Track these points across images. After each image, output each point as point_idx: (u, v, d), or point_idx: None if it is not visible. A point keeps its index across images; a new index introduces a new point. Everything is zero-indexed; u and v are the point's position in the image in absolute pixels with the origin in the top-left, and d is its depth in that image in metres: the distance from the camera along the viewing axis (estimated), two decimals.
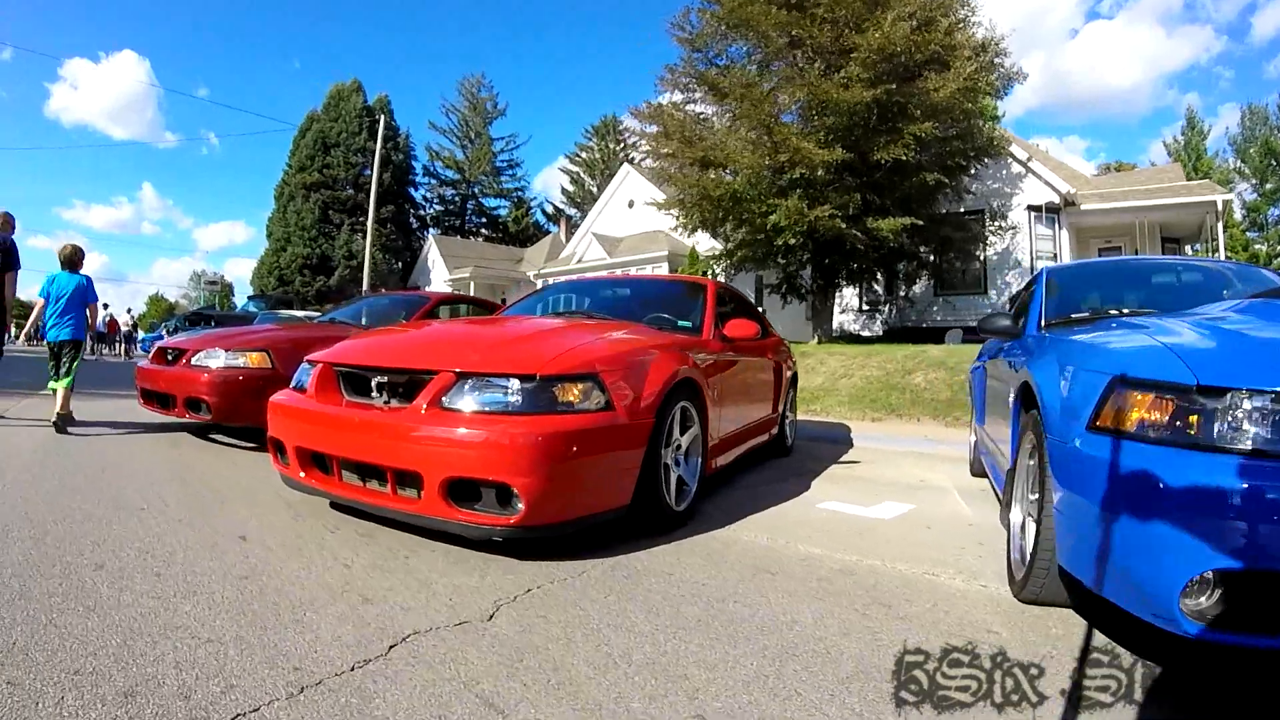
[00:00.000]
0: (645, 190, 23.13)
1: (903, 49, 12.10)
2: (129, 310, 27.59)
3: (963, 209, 15.90)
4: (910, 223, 12.83)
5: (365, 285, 23.34)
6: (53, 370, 5.37)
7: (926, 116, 12.35)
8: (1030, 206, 16.03)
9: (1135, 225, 15.75)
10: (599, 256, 23.86)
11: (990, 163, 15.26)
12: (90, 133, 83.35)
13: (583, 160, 48.07)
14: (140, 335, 25.77)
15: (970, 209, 16.15)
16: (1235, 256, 23.09)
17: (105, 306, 22.68)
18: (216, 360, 4.74)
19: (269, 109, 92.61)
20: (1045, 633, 1.99)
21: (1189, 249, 17.62)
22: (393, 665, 1.61)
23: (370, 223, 24.15)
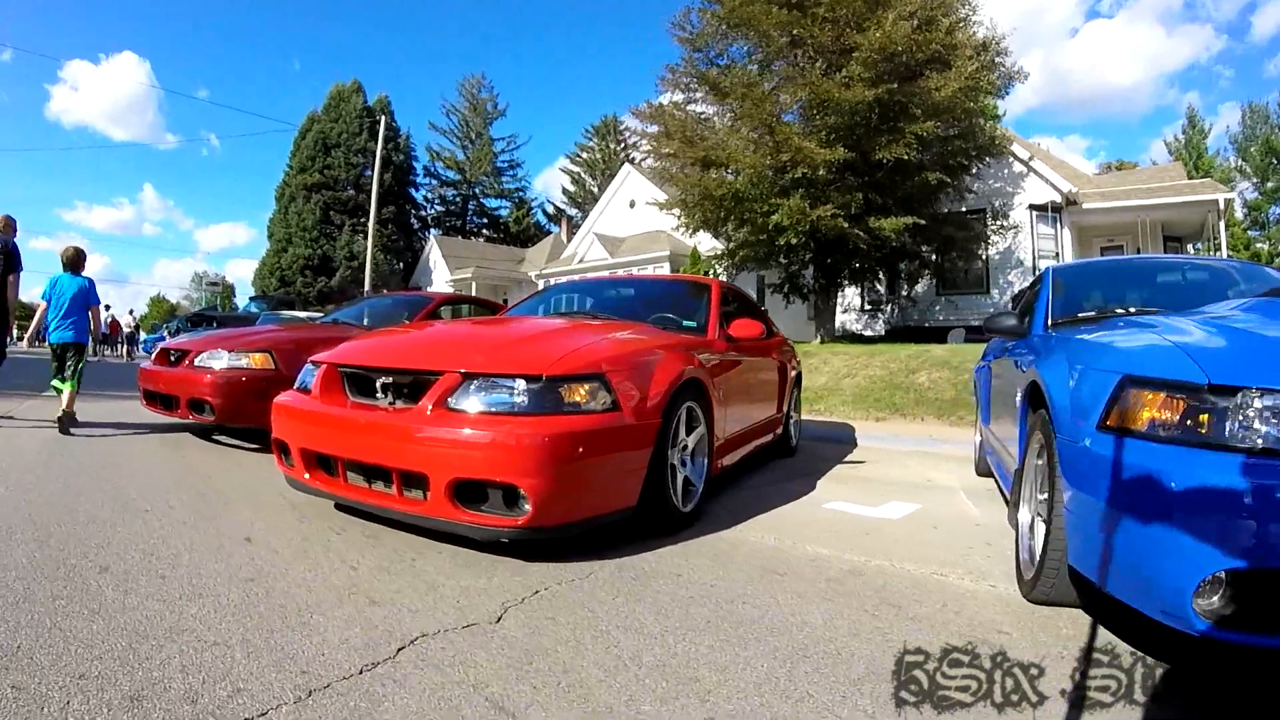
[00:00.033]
0: (646, 190, 23.12)
1: (904, 48, 12.09)
2: (131, 312, 27.65)
3: (964, 208, 15.88)
4: (912, 222, 12.81)
5: (367, 286, 23.34)
6: (55, 372, 5.37)
7: (928, 116, 12.33)
8: (1032, 205, 16.01)
9: (1137, 224, 15.72)
10: (600, 257, 23.84)
11: (992, 162, 15.24)
12: (91, 134, 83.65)
13: (583, 160, 48.08)
14: (142, 337, 25.81)
15: (972, 208, 16.14)
16: (1237, 255, 23.05)
17: (107, 308, 22.66)
18: (219, 361, 4.73)
19: (269, 110, 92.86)
20: (1056, 633, 1.97)
21: (1191, 248, 17.59)
22: (401, 668, 1.60)
23: (371, 223, 24.17)
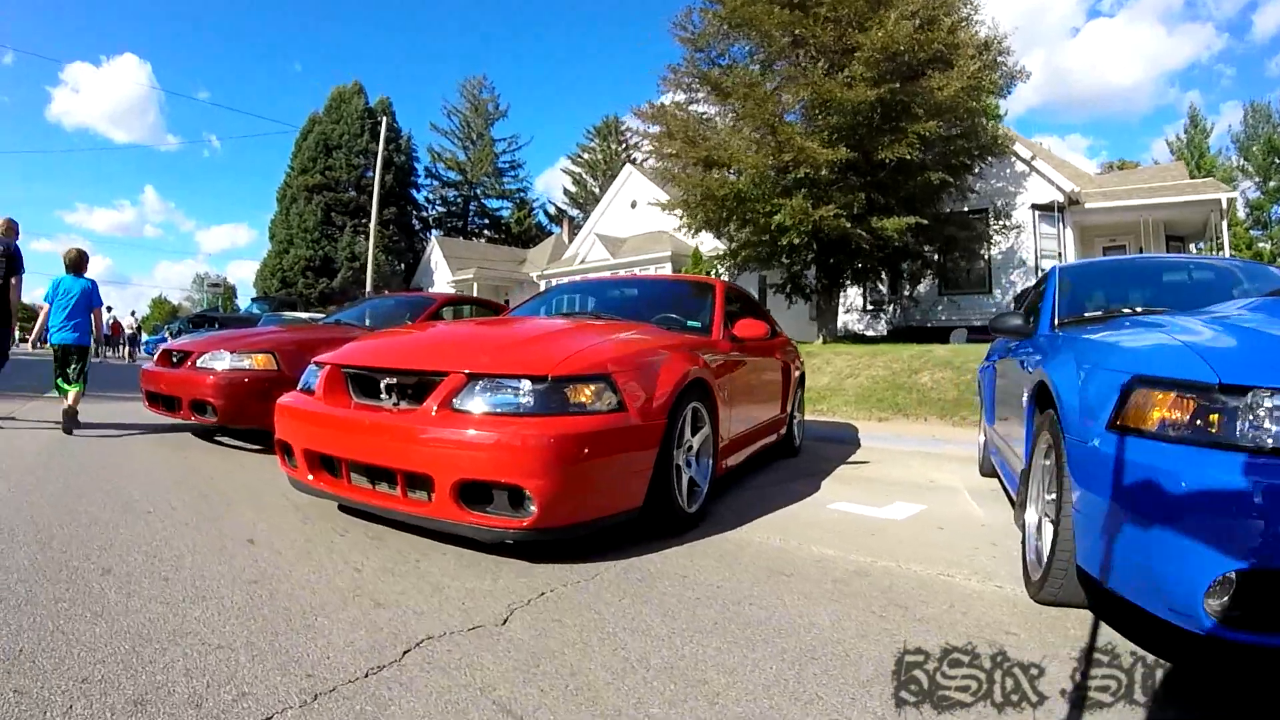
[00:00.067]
0: (648, 191, 23.11)
1: (906, 48, 12.07)
2: (133, 313, 27.61)
3: (967, 208, 15.85)
4: (915, 222, 12.78)
5: (368, 287, 23.34)
6: (58, 373, 5.36)
7: (930, 115, 12.31)
8: (1034, 205, 15.98)
9: (1139, 224, 15.69)
10: (602, 257, 23.82)
11: (994, 161, 15.21)
12: (92, 136, 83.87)
13: (585, 161, 48.09)
14: (144, 338, 25.84)
15: (974, 208, 16.11)
16: (1239, 255, 23.03)
17: (109, 309, 22.68)
18: (222, 362, 4.72)
19: (270, 111, 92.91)
20: (1064, 634, 1.96)
21: (1193, 247, 17.57)
22: (407, 671, 1.59)
23: (373, 224, 24.18)
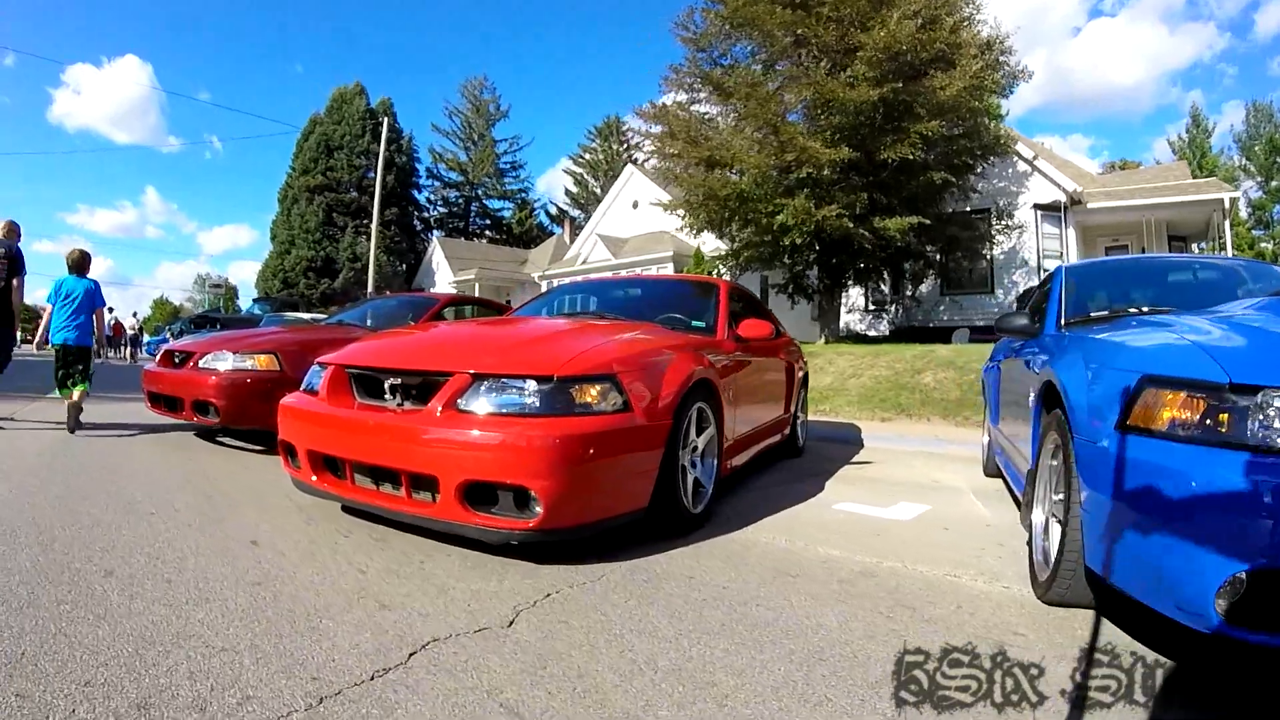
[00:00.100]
0: (649, 191, 23.10)
1: (908, 47, 12.05)
2: (134, 314, 27.65)
3: (969, 208, 15.83)
4: (917, 222, 12.76)
5: (370, 287, 23.34)
6: (59, 374, 5.35)
7: (933, 115, 12.30)
8: (1037, 205, 15.97)
9: (1142, 223, 15.68)
10: (604, 257, 23.81)
11: (996, 161, 15.20)
12: (93, 137, 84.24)
13: (586, 161, 48.08)
14: (145, 339, 25.85)
15: (976, 208, 16.10)
16: (1241, 254, 22.99)
17: (110, 310, 22.69)
18: (224, 363, 4.71)
19: (272, 112, 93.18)
20: (1072, 634, 1.95)
21: (1195, 247, 17.55)
22: (413, 674, 1.57)
23: (374, 225, 24.18)
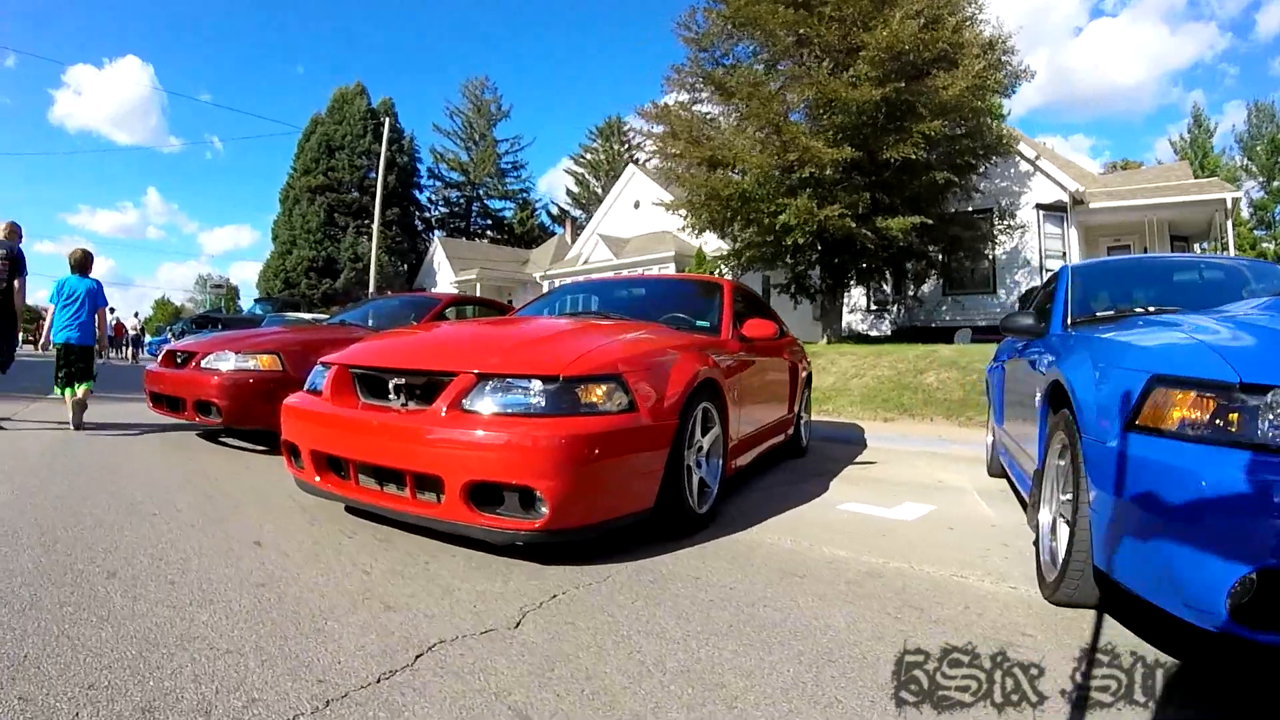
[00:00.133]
0: (651, 191, 23.10)
1: (911, 47, 12.03)
2: (136, 314, 27.66)
3: (971, 208, 15.82)
4: (919, 222, 12.74)
5: (372, 287, 23.36)
6: (60, 374, 5.33)
7: (935, 115, 12.27)
8: (1039, 205, 15.95)
9: (1144, 224, 15.65)
10: (605, 258, 23.80)
11: (999, 161, 15.18)
12: (94, 138, 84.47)
13: (587, 161, 48.05)
14: (147, 339, 25.85)
15: (979, 208, 16.08)
16: (1243, 255, 22.95)
17: (112, 311, 22.69)
18: (227, 363, 4.70)
19: (273, 113, 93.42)
20: (1080, 635, 1.94)
21: (1198, 247, 17.52)
22: (420, 676, 1.56)
23: (376, 225, 24.19)
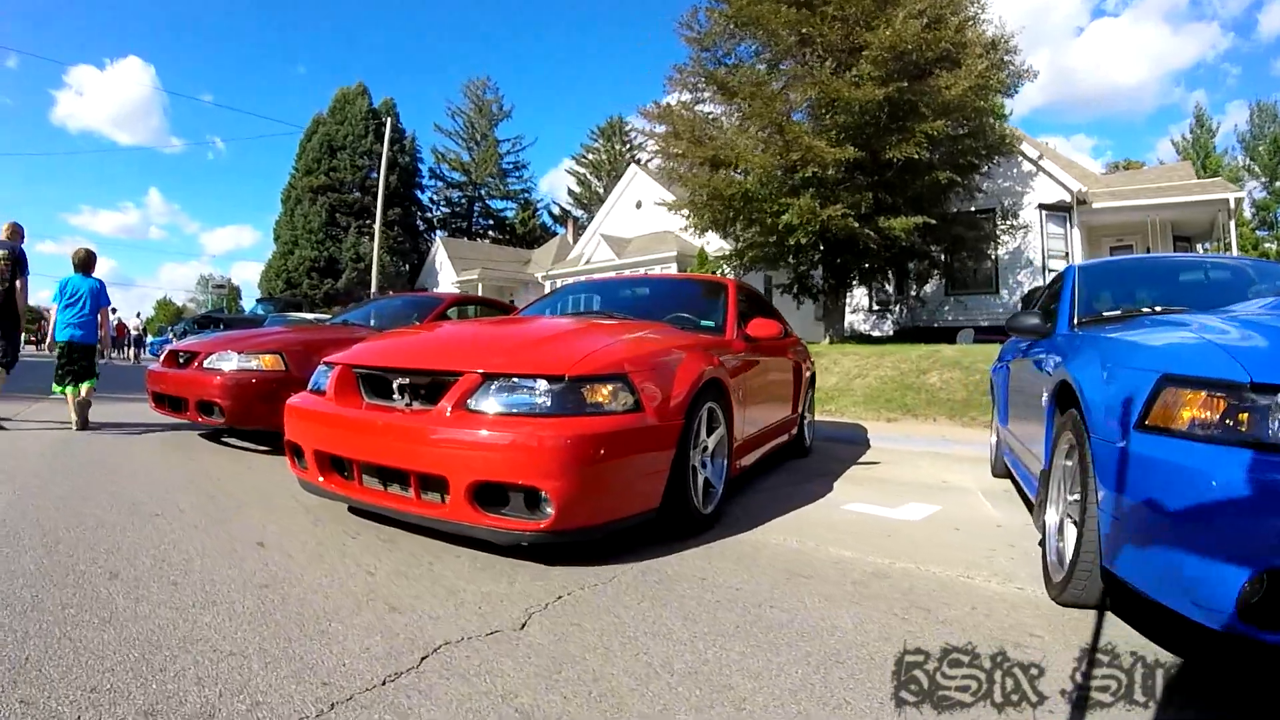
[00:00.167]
0: (653, 191, 23.09)
1: (913, 47, 12.00)
2: (138, 314, 27.70)
3: (974, 208, 15.78)
4: (922, 221, 12.71)
5: (373, 287, 23.36)
6: (60, 372, 5.33)
7: (938, 115, 12.23)
8: (1041, 205, 15.93)
9: (1147, 224, 15.63)
10: (607, 258, 23.79)
11: (1001, 161, 15.15)
12: (96, 138, 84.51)
13: (589, 161, 48.06)
14: (149, 339, 25.87)
15: (981, 208, 16.04)
16: (1246, 255, 22.91)
17: (114, 311, 22.71)
18: (229, 363, 4.69)
19: (274, 113, 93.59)
20: (1088, 636, 1.92)
21: (1200, 247, 17.48)
22: (425, 678, 1.54)
23: (377, 225, 24.20)
